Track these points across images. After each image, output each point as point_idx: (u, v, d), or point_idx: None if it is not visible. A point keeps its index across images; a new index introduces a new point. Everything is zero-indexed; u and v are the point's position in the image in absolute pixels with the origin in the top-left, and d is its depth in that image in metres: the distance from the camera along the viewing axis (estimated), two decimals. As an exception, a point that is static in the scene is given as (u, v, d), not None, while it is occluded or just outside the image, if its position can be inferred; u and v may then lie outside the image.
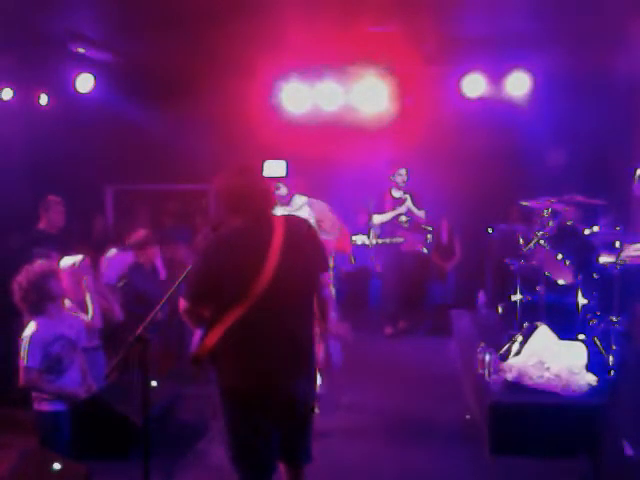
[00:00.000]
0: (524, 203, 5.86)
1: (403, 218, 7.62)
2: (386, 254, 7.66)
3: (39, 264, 4.01)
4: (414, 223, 7.67)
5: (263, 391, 3.03)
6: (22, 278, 3.91)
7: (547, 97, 7.72)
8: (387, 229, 7.57)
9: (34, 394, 3.96)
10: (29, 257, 4.22)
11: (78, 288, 4.87)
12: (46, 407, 3.97)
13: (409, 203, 7.58)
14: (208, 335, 3.00)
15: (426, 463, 4.45)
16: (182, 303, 3.04)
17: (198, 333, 3.14)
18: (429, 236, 7.77)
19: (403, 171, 7.59)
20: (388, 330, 7.76)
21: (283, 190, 5.14)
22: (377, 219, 7.57)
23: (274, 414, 3.07)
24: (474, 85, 7.99)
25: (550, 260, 5.48)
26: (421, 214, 7.66)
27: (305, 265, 3.13)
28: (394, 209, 7.60)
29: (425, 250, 7.81)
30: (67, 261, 4.85)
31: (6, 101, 7.98)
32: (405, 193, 7.62)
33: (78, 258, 4.95)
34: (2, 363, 4.91)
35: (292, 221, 3.21)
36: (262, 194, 3.15)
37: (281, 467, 3.28)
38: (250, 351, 3.01)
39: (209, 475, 4.30)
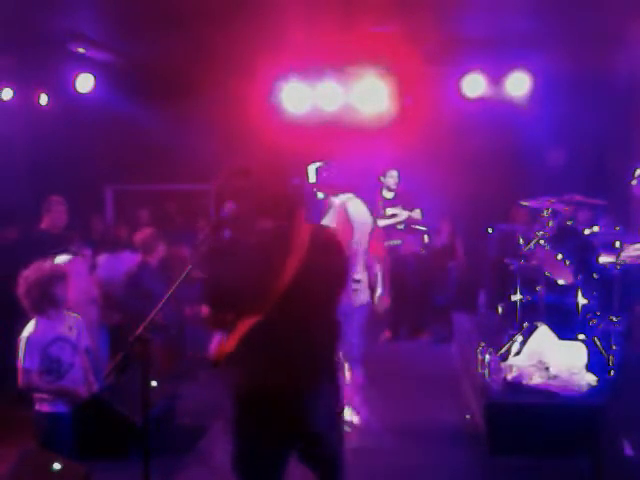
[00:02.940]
0: (524, 203, 5.86)
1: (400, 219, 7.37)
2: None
3: (51, 265, 3.95)
4: (410, 225, 7.43)
5: (280, 396, 2.88)
6: (31, 273, 3.84)
7: (547, 97, 7.72)
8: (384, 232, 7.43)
9: (35, 395, 3.95)
10: (31, 257, 4.18)
11: (74, 287, 4.86)
12: (47, 408, 3.95)
13: (398, 211, 7.30)
14: (228, 339, 2.90)
15: (426, 463, 4.45)
16: (204, 309, 2.99)
17: (217, 336, 3.06)
18: (426, 237, 7.62)
19: (394, 173, 7.35)
20: (387, 334, 7.58)
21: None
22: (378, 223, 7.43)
23: (287, 424, 2.92)
24: (474, 85, 7.99)
25: (550, 260, 5.48)
26: (416, 214, 7.39)
27: (327, 273, 2.99)
28: (385, 210, 7.34)
29: (423, 251, 7.67)
30: (60, 260, 4.83)
31: (6, 101, 7.99)
32: (397, 197, 7.39)
33: (68, 257, 4.92)
34: (4, 362, 4.90)
35: (318, 229, 3.11)
36: (294, 195, 2.98)
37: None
38: (268, 356, 2.88)
39: (209, 475, 4.29)
